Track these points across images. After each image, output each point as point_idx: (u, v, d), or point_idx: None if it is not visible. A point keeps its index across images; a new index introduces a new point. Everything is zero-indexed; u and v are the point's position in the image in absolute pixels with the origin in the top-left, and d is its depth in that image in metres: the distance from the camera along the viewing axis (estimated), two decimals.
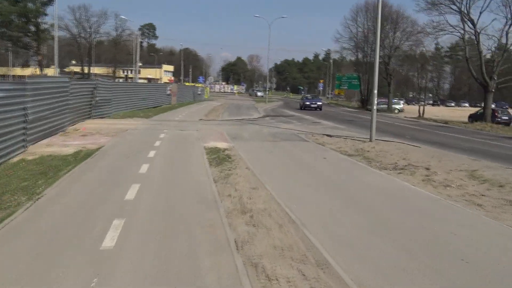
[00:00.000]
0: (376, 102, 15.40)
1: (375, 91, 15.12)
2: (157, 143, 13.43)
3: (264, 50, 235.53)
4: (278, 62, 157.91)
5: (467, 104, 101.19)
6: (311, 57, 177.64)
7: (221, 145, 13.50)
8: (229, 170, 9.54)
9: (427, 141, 17.41)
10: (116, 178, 8.43)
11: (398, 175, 9.63)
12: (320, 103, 44.27)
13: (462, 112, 60.47)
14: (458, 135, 21.36)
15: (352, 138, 16.56)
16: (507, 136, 22.76)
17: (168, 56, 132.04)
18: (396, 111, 53.70)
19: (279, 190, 7.81)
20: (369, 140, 15.37)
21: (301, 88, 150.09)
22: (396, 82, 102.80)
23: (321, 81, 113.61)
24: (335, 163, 11.16)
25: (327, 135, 17.16)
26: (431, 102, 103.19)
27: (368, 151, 13.08)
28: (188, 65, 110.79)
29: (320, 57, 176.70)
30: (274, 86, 62.48)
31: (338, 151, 13.07)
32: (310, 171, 9.96)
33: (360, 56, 64.47)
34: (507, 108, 52.94)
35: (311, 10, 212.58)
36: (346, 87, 71.73)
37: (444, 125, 31.64)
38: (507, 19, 33.19)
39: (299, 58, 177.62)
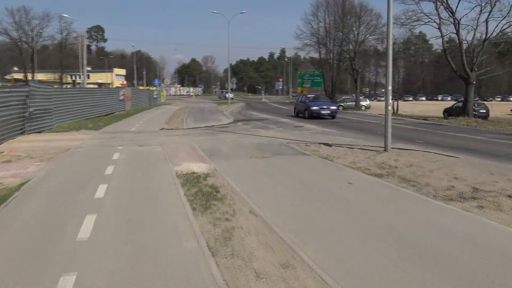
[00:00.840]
0: (390, 101, 12.19)
1: (390, 88, 11.91)
2: (109, 170, 9.66)
3: (218, 50, 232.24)
4: (233, 63, 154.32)
5: (424, 98, 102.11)
6: (266, 56, 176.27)
7: (198, 167, 9.92)
8: (226, 219, 6.00)
9: (444, 145, 14.49)
10: (37, 256, 4.71)
11: (480, 210, 6.40)
12: (334, 107, 29.46)
13: (425, 106, 59.26)
14: (468, 135, 18.40)
15: (358, 147, 13.35)
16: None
17: (119, 60, 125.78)
18: (363, 108, 51.68)
19: (332, 267, 4.37)
20: (383, 149, 12.19)
21: (259, 87, 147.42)
22: (351, 78, 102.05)
23: (280, 79, 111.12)
24: (369, 191, 7.81)
25: (325, 144, 13.86)
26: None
27: (397, 167, 9.86)
28: (142, 68, 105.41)
29: (276, 56, 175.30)
30: (234, 86, 58.84)
31: (356, 169, 9.78)
32: (346, 210, 6.59)
33: (323, 52, 62.10)
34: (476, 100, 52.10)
35: (266, 8, 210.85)
36: (309, 85, 69.11)
37: (426, 121, 29.28)
38: (481, 6, 31.29)
39: (254, 57, 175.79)
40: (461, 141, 16.42)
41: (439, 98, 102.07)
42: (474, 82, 31.05)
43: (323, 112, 27.74)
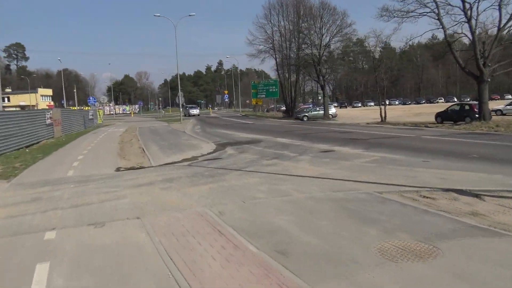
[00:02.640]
0: None
1: None
2: None
3: (151, 65, 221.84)
4: (169, 78, 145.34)
5: (372, 103, 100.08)
6: (203, 69, 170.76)
7: None
8: None
9: None
10: None
11: None
12: None
13: (391, 111, 54.54)
14: None
15: None
16: None
17: (44, 79, 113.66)
18: (330, 117, 46.23)
19: None
20: None
21: (202, 101, 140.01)
22: (298, 87, 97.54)
23: (225, 92, 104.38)
24: None
25: (457, 192, 7.27)
26: (335, 104, 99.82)
27: None
28: (70, 87, 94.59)
29: (213, 69, 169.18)
30: (183, 100, 51.40)
31: None
32: None
33: (279, 58, 56.05)
34: (468, 100, 48.16)
35: (199, 20, 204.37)
36: (264, 96, 62.97)
37: (449, 130, 23.79)
38: None
39: (189, 71, 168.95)
40: None
41: (387, 102, 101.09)
42: (489, 80, 26.04)
43: None
